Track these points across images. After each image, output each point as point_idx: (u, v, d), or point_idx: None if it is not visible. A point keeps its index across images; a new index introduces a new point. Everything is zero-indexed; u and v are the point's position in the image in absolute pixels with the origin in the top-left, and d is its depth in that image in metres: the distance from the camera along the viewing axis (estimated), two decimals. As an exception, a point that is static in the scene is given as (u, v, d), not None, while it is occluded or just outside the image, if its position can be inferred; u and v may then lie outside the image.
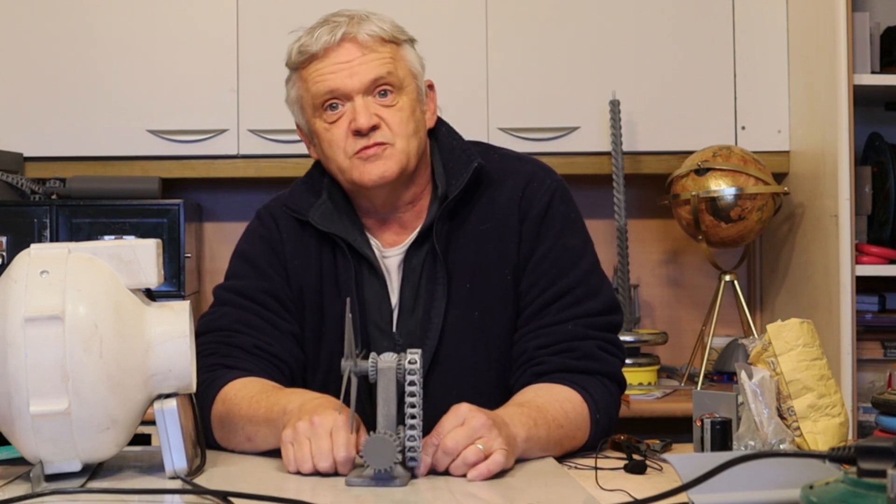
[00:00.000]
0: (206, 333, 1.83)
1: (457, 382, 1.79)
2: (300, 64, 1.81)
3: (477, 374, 1.80)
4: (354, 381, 1.48)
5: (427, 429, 1.75)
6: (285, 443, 1.53)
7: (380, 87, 1.77)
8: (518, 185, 1.84)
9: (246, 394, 1.69)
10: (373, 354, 1.48)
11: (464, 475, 1.48)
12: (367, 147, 1.76)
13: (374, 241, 1.86)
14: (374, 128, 1.76)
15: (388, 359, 1.48)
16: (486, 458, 1.48)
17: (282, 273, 1.85)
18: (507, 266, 1.82)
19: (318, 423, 1.50)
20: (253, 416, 1.65)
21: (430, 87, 1.88)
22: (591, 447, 1.69)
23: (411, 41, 1.85)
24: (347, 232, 1.83)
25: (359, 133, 1.76)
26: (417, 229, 1.84)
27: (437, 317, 1.79)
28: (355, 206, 1.87)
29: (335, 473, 1.49)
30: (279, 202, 1.90)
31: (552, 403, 1.67)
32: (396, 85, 1.78)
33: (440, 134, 1.89)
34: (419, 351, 1.48)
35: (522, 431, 1.57)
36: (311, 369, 1.85)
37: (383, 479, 1.44)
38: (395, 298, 1.84)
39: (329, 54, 1.77)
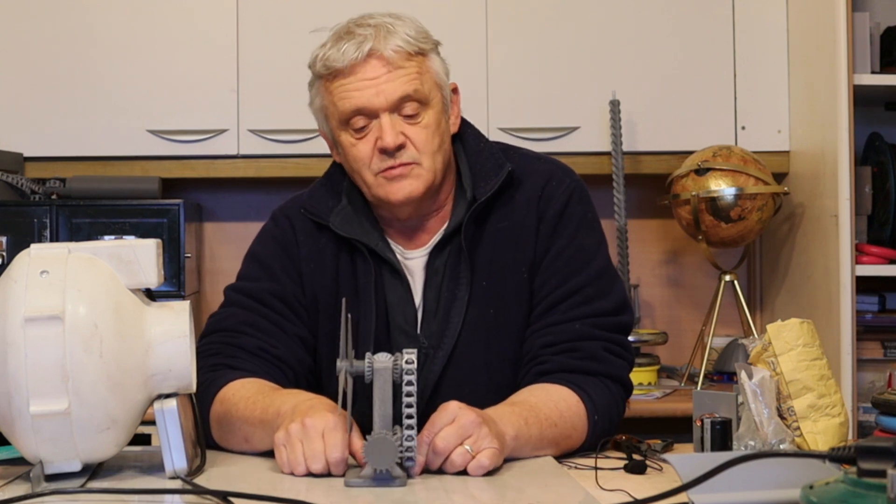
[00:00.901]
0: (212, 333, 1.83)
1: (470, 380, 1.79)
2: (325, 76, 1.79)
3: (490, 371, 1.80)
4: (350, 381, 1.48)
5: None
6: (278, 445, 1.52)
7: (406, 104, 1.76)
8: (537, 184, 1.84)
9: (244, 394, 1.69)
10: (368, 354, 1.48)
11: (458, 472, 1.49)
12: (392, 167, 1.76)
13: (395, 245, 1.86)
14: (400, 146, 1.76)
15: (383, 359, 1.47)
16: (474, 458, 1.49)
17: (294, 276, 1.85)
18: (524, 264, 1.82)
19: (309, 426, 1.50)
20: (249, 417, 1.65)
21: (455, 90, 1.87)
22: (590, 448, 1.69)
23: (436, 46, 1.83)
24: (368, 237, 1.83)
25: (385, 151, 1.76)
26: (441, 231, 1.85)
27: (458, 316, 1.79)
28: (377, 215, 1.87)
29: (328, 474, 1.49)
30: (297, 203, 1.89)
31: (546, 402, 1.67)
32: (423, 100, 1.77)
33: (466, 136, 1.89)
34: (415, 350, 1.48)
35: (511, 430, 1.57)
36: (326, 373, 1.85)
37: (382, 479, 1.44)
38: (418, 300, 1.84)
39: (355, 70, 1.75)
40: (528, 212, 1.83)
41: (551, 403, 1.67)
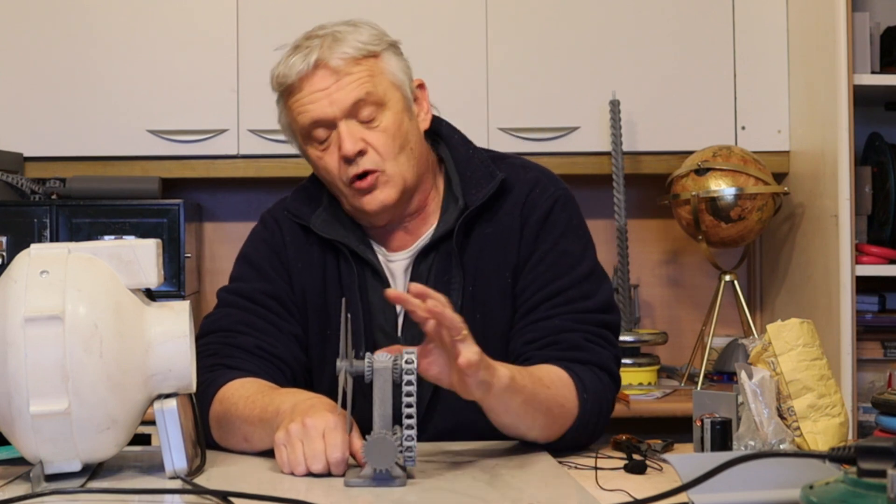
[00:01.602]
0: (209, 334, 1.83)
1: None
2: (282, 94, 1.82)
3: None
4: (350, 381, 1.48)
5: (425, 428, 1.76)
6: (278, 445, 1.53)
7: (362, 108, 1.76)
8: (522, 191, 1.85)
9: (243, 394, 1.69)
10: (368, 354, 1.48)
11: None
12: (358, 177, 1.77)
13: (377, 247, 1.86)
14: (361, 152, 1.76)
15: (383, 359, 1.47)
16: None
17: (284, 276, 1.86)
18: (508, 269, 1.82)
19: (310, 425, 1.50)
20: (249, 416, 1.65)
21: (421, 87, 1.86)
22: (583, 435, 1.68)
23: (392, 46, 1.82)
24: (349, 239, 1.83)
25: (347, 159, 1.76)
26: (427, 235, 1.85)
27: None
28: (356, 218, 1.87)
29: (328, 474, 1.49)
30: (282, 206, 1.91)
31: (539, 369, 1.66)
32: (378, 102, 1.77)
33: (453, 141, 1.89)
34: (415, 350, 1.48)
35: (505, 370, 1.54)
36: (317, 372, 1.85)
37: (382, 479, 1.44)
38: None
39: (304, 84, 1.77)
40: (512, 218, 1.83)
41: (543, 370, 1.67)
